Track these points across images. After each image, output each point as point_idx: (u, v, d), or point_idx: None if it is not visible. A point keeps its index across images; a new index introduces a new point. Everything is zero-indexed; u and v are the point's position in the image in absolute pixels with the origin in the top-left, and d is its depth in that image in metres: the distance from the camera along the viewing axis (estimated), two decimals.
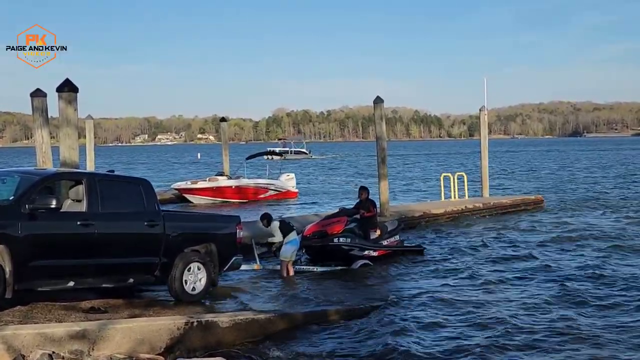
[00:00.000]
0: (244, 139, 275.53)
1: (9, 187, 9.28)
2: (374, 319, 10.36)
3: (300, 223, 16.38)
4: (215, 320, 8.82)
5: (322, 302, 11.16)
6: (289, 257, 13.65)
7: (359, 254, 14.69)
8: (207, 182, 31.96)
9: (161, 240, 10.03)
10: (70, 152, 12.33)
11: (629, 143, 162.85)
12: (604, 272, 13.76)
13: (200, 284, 10.49)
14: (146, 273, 10.02)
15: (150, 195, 10.22)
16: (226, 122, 36.91)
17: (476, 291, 12.26)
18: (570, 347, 8.98)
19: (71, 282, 9.06)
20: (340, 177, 51.57)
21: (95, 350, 7.57)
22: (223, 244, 10.95)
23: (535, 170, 57.72)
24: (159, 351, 8.05)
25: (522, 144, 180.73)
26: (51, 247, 8.84)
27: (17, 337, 7.21)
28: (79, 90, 12.40)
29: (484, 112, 27.24)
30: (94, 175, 10.14)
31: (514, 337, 9.39)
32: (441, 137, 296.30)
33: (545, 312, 10.69)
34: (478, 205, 24.52)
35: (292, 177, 34.04)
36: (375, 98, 21.05)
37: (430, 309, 11.03)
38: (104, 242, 9.37)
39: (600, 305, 11.19)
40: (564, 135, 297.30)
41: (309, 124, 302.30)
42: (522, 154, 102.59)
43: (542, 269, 14.20)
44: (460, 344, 9.16)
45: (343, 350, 8.88)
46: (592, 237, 18.65)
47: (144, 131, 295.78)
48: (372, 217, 15.29)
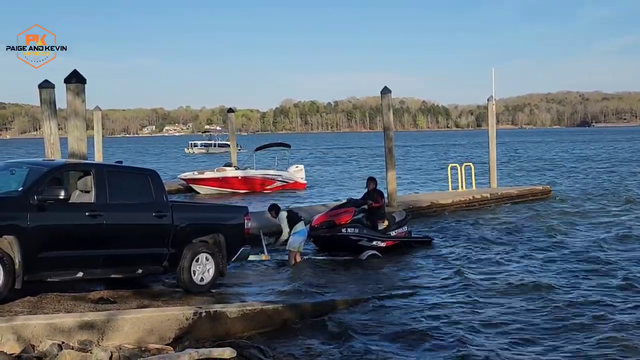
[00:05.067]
0: (251, 130, 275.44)
1: (17, 178, 9.30)
2: (382, 310, 10.36)
3: (308, 213, 16.39)
4: (223, 310, 8.83)
5: (330, 293, 11.17)
6: (297, 248, 13.65)
7: (367, 245, 14.68)
8: (214, 172, 32.00)
9: (169, 231, 10.04)
10: (78, 143, 12.35)
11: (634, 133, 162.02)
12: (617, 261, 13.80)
13: (208, 275, 10.50)
14: (154, 264, 10.03)
15: (158, 186, 10.21)
16: (233, 112, 36.93)
17: (485, 282, 12.24)
18: (577, 339, 8.99)
19: (80, 273, 9.09)
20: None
21: (104, 341, 7.60)
22: (231, 234, 10.94)
23: (544, 160, 57.50)
24: (167, 341, 8.06)
25: (530, 134, 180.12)
26: (60, 238, 8.87)
27: (27, 328, 7.24)
28: (86, 82, 12.40)
29: (492, 102, 27.13)
30: (102, 166, 10.15)
31: (524, 328, 9.39)
32: (449, 128, 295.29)
33: (555, 302, 10.67)
34: (486, 195, 24.49)
35: (300, 168, 34.01)
36: (383, 88, 21.00)
37: (438, 300, 11.03)
38: (112, 233, 9.38)
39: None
40: (572, 126, 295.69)
41: (316, 115, 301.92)
42: (531, 144, 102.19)
43: (550, 259, 14.20)
44: (468, 334, 9.15)
45: (351, 341, 8.87)
46: (601, 226, 18.63)
47: (152, 122, 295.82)
48: (380, 207, 15.27)
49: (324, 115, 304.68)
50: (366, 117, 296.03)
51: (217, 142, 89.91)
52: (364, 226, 14.76)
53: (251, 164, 33.98)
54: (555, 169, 45.42)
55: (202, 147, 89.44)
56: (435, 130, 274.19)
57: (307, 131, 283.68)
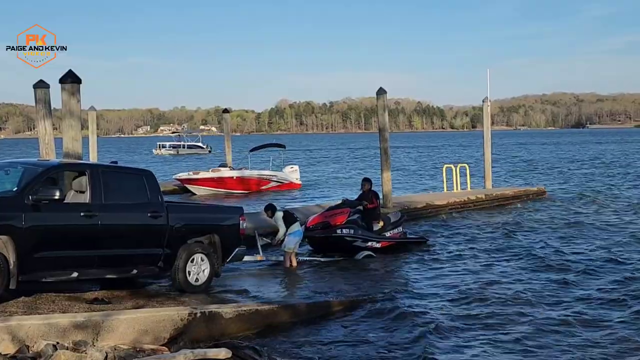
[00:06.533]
0: (246, 130, 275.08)
1: (12, 178, 9.28)
2: (377, 310, 10.37)
3: (304, 214, 16.38)
4: (219, 311, 8.83)
5: (325, 293, 11.17)
6: (293, 248, 13.65)
7: (362, 245, 14.70)
8: (209, 172, 31.98)
9: (164, 232, 10.03)
10: (73, 143, 12.31)
11: (631, 134, 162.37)
12: (611, 260, 13.85)
13: (203, 275, 10.49)
14: (150, 264, 10.02)
15: (153, 186, 10.20)
16: (229, 113, 36.92)
17: (479, 282, 12.25)
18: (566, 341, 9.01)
19: (75, 273, 9.06)
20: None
21: (99, 341, 7.59)
22: (226, 235, 10.95)
23: (539, 161, 57.62)
24: (162, 342, 8.06)
25: (524, 135, 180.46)
26: (55, 238, 8.85)
27: (22, 328, 7.22)
28: (82, 82, 12.38)
29: (487, 103, 27.18)
30: (97, 167, 10.13)
31: (517, 328, 9.40)
32: (444, 129, 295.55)
33: (548, 303, 10.70)
34: (481, 196, 24.52)
35: (295, 169, 34.07)
36: (378, 89, 21.00)
37: (433, 300, 11.04)
38: (107, 233, 9.37)
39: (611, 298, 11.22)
40: (567, 127, 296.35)
41: (311, 115, 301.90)
42: (526, 145, 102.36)
43: (546, 260, 14.20)
44: (462, 334, 9.18)
45: (346, 341, 8.89)
46: (594, 228, 18.68)
47: (147, 122, 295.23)
48: (375, 208, 15.28)
49: (319, 116, 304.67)
50: (361, 118, 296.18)
51: (187, 143, 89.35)
52: (359, 227, 14.77)
53: (246, 164, 34.00)
54: (550, 170, 45.50)
55: (171, 149, 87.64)
56: (430, 131, 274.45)
57: (303, 132, 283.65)
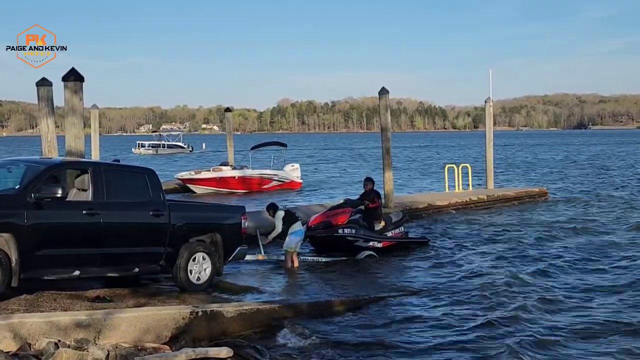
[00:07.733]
0: (248, 130, 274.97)
1: (14, 176, 9.29)
2: (378, 310, 10.37)
3: (305, 213, 16.38)
4: (220, 310, 8.83)
5: (326, 293, 11.17)
6: (294, 248, 13.64)
7: (364, 245, 14.69)
8: (211, 172, 31.97)
9: (166, 230, 10.03)
10: (76, 141, 12.32)
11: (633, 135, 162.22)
12: (615, 261, 13.86)
13: (205, 274, 10.50)
14: (151, 263, 10.03)
15: (155, 185, 10.21)
16: (231, 112, 36.92)
17: (480, 282, 12.24)
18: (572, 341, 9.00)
19: (77, 271, 9.07)
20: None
21: (100, 339, 7.59)
22: (228, 234, 10.95)
23: (542, 162, 57.56)
24: (164, 340, 8.05)
25: (526, 136, 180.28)
26: (57, 236, 8.86)
27: (23, 326, 7.23)
28: (84, 80, 12.39)
29: (489, 103, 27.16)
30: (100, 165, 10.15)
31: (520, 329, 9.39)
32: (446, 129, 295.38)
33: (551, 304, 10.69)
34: (482, 197, 24.51)
35: (296, 167, 34.04)
36: (381, 89, 21.00)
37: (434, 300, 11.03)
38: (109, 232, 9.38)
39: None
40: (569, 128, 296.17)
41: (313, 115, 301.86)
42: (528, 146, 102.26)
43: (546, 260, 14.21)
44: (463, 336, 9.16)
45: (347, 340, 8.88)
46: (595, 229, 18.67)
47: (149, 121, 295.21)
48: (377, 208, 15.28)
49: (321, 115, 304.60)
50: (363, 117, 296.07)
51: (167, 142, 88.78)
52: (361, 227, 14.77)
53: (246, 162, 34.00)
54: (551, 171, 45.45)
55: (150, 148, 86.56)
56: (432, 132, 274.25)
57: (305, 131, 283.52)
